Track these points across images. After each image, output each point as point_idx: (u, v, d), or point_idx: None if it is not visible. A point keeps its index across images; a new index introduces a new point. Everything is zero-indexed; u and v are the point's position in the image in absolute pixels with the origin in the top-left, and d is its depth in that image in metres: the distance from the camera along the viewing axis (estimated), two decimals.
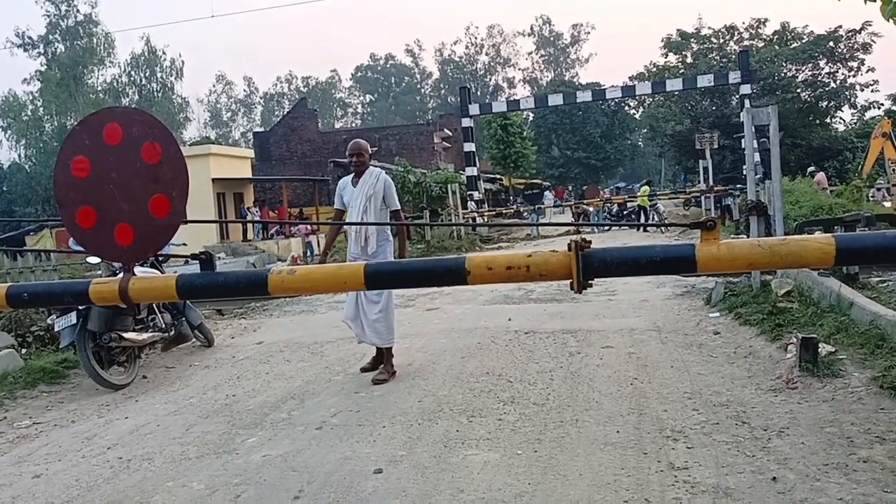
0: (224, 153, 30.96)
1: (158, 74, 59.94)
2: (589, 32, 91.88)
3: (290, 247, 25.33)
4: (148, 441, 4.67)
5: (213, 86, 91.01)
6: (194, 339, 7.50)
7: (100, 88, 56.87)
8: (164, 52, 59.94)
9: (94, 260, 7.12)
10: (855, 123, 42.63)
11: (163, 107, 56.97)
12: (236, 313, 10.15)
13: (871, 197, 19.51)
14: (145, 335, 6.50)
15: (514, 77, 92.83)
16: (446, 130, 43.01)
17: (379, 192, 5.84)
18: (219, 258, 20.55)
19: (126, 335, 6.22)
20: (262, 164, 39.19)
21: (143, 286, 2.37)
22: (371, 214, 5.76)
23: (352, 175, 5.98)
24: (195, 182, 4.74)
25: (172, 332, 6.96)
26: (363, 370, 5.99)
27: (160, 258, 6.87)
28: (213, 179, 27.54)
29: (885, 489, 3.11)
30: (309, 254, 24.31)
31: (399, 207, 6.07)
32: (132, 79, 59.68)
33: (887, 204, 17.29)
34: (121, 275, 2.36)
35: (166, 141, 2.31)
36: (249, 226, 29.09)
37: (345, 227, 6.00)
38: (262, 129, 57.68)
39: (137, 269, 5.80)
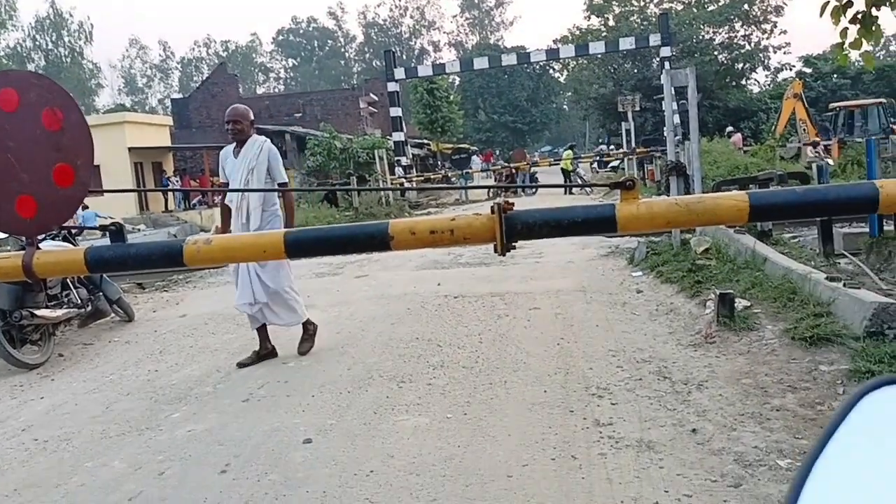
0: (140, 121, 29.77)
1: (66, 38, 56.96)
2: None
3: (213, 217, 24.64)
4: (65, 421, 4.49)
5: (127, 50, 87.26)
6: (113, 315, 7.23)
7: (1, 54, 53.65)
8: (70, 15, 57.06)
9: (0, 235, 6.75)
10: (769, 85, 44.23)
11: (72, 72, 54.30)
12: (158, 286, 9.84)
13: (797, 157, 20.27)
14: (59, 312, 6.23)
15: (439, 41, 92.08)
16: (372, 95, 42.42)
17: (262, 162, 5.24)
18: (139, 230, 19.86)
19: (38, 312, 5.94)
20: (182, 131, 37.84)
21: (49, 260, 2.25)
22: (254, 186, 5.21)
23: (234, 145, 5.35)
24: (110, 152, 4.52)
25: (89, 308, 6.70)
26: (240, 365, 5.33)
27: (73, 231, 6.56)
28: (130, 149, 26.47)
29: (797, 435, 3.27)
30: None
31: (286, 180, 5.53)
32: (37, 43, 56.58)
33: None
34: (25, 249, 2.23)
35: (68, 107, 2.18)
36: (170, 196, 28.16)
37: (228, 201, 5.42)
38: (180, 96, 55.52)
39: (48, 243, 5.54)
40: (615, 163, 30.57)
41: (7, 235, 6.96)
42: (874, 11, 4.96)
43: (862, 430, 0.62)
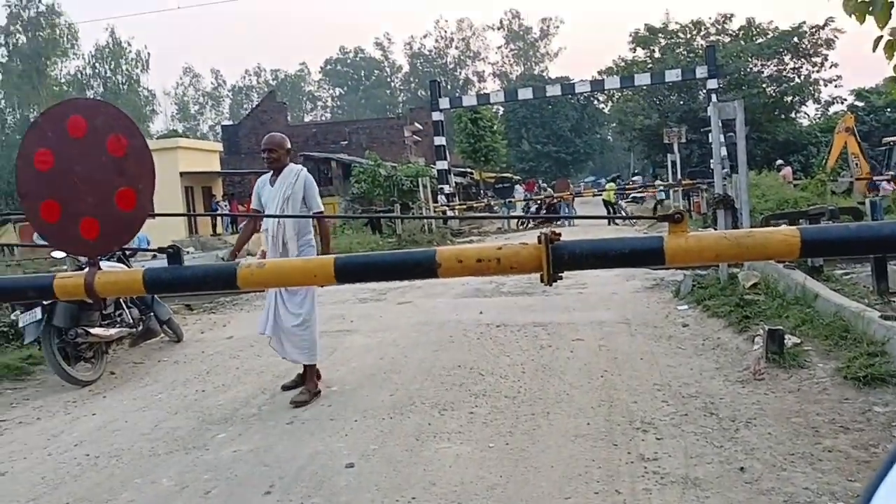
0: (192, 146, 30.58)
1: (124, 66, 58.83)
2: (558, 27, 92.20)
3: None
4: (116, 438, 4.60)
5: (181, 78, 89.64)
6: (163, 335, 7.40)
7: (63, 81, 55.73)
8: (129, 44, 58.84)
9: (59, 254, 6.97)
10: (819, 118, 43.41)
11: (128, 99, 55.93)
12: (206, 308, 10.04)
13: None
14: (112, 331, 6.40)
15: (483, 71, 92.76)
16: (416, 124, 42.89)
17: (298, 192, 5.18)
18: (188, 252, 20.30)
19: (92, 331, 6.12)
20: (231, 157, 38.74)
21: (109, 280, 2.33)
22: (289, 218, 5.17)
23: (270, 173, 5.37)
24: (162, 176, 4.61)
25: (140, 328, 6.86)
26: (285, 388, 5.37)
27: (127, 252, 6.76)
28: (181, 173, 27.18)
29: (849, 478, 3.18)
30: None
31: (322, 209, 5.40)
32: (97, 71, 58.53)
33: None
34: (86, 269, 2.32)
35: (131, 133, 2.27)
36: (219, 220, 28.77)
37: (263, 230, 5.41)
38: (230, 123, 56.91)
39: (103, 264, 5.70)
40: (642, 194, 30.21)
41: (65, 255, 7.20)
42: None
43: None
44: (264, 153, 5.29)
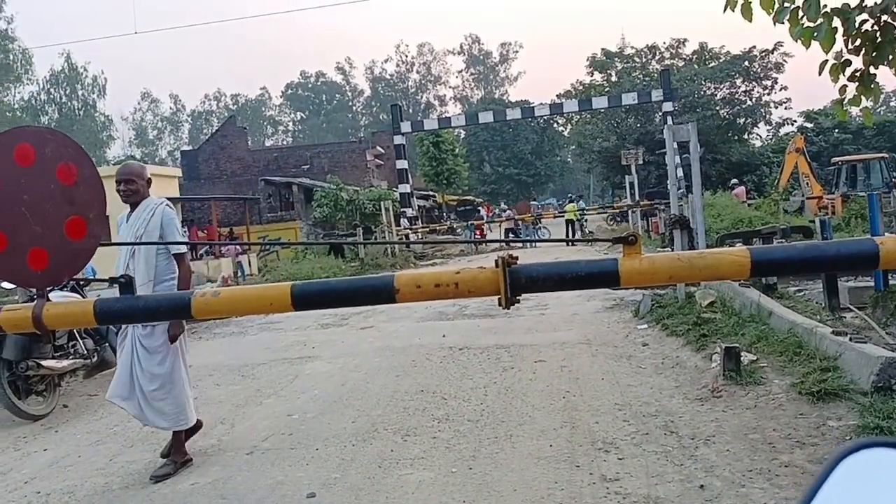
0: (150, 172, 30.13)
1: (80, 92, 58.03)
2: (517, 51, 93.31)
3: (220, 267, 24.73)
4: (68, 473, 4.46)
5: (139, 103, 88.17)
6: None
7: (17, 106, 54.71)
8: (85, 69, 58.10)
9: (7, 285, 6.78)
10: (771, 139, 44.67)
11: (85, 125, 55.16)
12: None
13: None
14: (65, 362, 6.23)
15: (444, 95, 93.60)
16: (379, 148, 42.94)
17: (153, 229, 4.42)
18: None
19: (44, 363, 5.95)
20: (191, 183, 38.24)
21: (59, 312, 2.28)
22: (141, 258, 4.38)
23: (128, 209, 4.56)
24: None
25: (95, 359, 6.69)
26: (163, 456, 4.52)
27: (81, 282, 6.60)
28: None
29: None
30: (240, 274, 23.83)
31: (184, 251, 4.55)
32: (52, 96, 57.63)
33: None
34: (35, 301, 2.26)
35: (82, 161, 2.24)
36: None
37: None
38: (190, 148, 56.35)
39: (56, 294, 5.53)
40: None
41: (15, 286, 7.01)
42: (872, 69, 5.06)
43: (841, 495, 0.63)
44: (119, 185, 4.44)
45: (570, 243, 23.44)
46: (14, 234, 2.22)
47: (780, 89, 40.06)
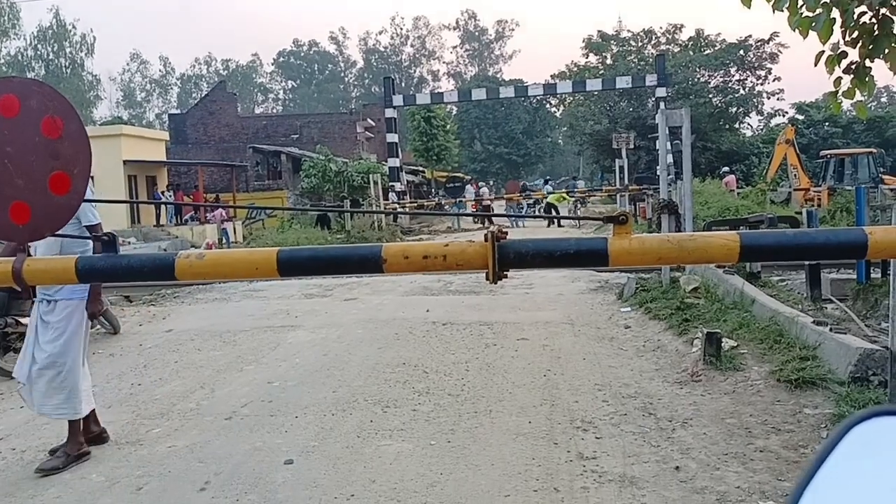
0: (137, 134, 29.82)
1: (67, 49, 57.02)
2: (513, 29, 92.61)
3: (204, 233, 24.61)
4: (44, 431, 4.43)
5: (127, 64, 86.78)
6: (99, 326, 7.17)
7: (2, 61, 53.72)
8: (74, 27, 57.03)
9: None
10: (761, 129, 44.78)
11: (71, 83, 54.25)
12: (145, 300, 9.79)
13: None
14: None
15: (438, 70, 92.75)
16: (369, 120, 42.56)
17: None
18: (129, 243, 19.78)
19: (23, 320, 5.88)
20: (178, 147, 37.87)
21: (39, 268, 2.25)
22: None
23: None
24: (105, 164, 4.41)
25: None
26: (51, 451, 4.02)
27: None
28: (125, 161, 26.48)
29: (779, 477, 3.26)
30: (224, 241, 23.73)
31: (99, 221, 4.01)
32: (38, 53, 56.61)
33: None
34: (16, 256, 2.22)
35: (67, 115, 2.19)
36: (162, 210, 28.08)
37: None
38: (178, 112, 55.69)
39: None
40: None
41: None
42: (868, 63, 5.06)
43: (851, 461, 0.63)
44: None
45: (558, 223, 23.44)
46: None
47: (774, 80, 40.10)
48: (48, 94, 2.21)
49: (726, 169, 28.19)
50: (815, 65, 5.05)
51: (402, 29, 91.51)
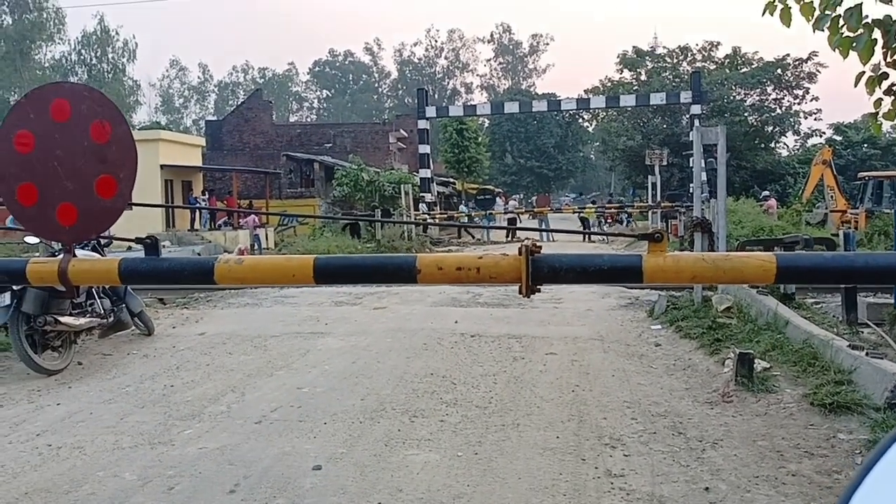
0: (174, 139, 30.29)
1: (110, 55, 58.19)
2: (548, 44, 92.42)
3: (237, 238, 24.88)
4: (79, 429, 4.53)
5: (167, 70, 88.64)
6: (134, 327, 7.30)
7: (47, 65, 55.07)
8: (117, 33, 58.22)
9: (32, 240, 6.86)
10: (798, 149, 44.11)
11: (113, 88, 55.26)
12: (179, 303, 9.93)
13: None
14: (82, 320, 6.31)
15: (471, 83, 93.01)
16: (402, 131, 42.88)
17: None
18: (164, 246, 20.08)
19: (62, 319, 6.02)
20: (213, 153, 38.42)
21: (84, 268, 2.31)
22: None
23: None
24: (142, 167, 4.50)
25: (111, 319, 6.77)
26: None
27: (102, 242, 6.68)
28: (162, 166, 26.91)
29: (812, 502, 3.21)
30: (256, 246, 23.98)
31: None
32: (82, 57, 57.83)
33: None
34: (60, 255, 2.28)
35: (116, 120, 2.25)
36: (197, 215, 28.45)
37: None
38: (214, 118, 56.48)
39: (78, 252, 5.59)
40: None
41: (38, 241, 7.09)
42: None
43: (893, 476, 0.63)
44: None
45: (588, 238, 23.34)
46: (45, 188, 2.25)
47: (812, 99, 39.48)
48: (97, 99, 2.28)
49: (766, 193, 27.67)
50: (855, 85, 4.99)
51: (436, 41, 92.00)
